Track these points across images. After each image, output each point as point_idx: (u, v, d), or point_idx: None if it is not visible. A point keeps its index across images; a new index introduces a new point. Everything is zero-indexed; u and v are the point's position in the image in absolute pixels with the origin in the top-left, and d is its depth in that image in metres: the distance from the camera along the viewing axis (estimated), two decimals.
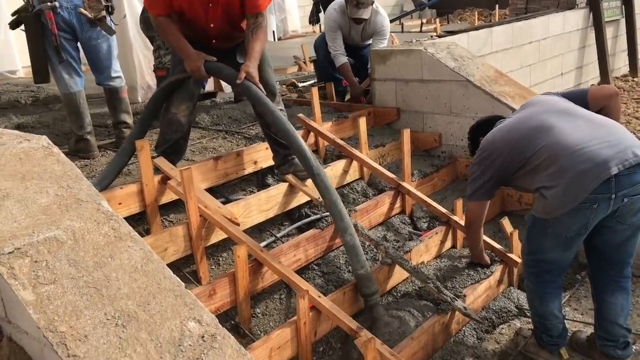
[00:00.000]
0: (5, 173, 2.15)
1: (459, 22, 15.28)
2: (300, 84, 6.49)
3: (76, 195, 2.17)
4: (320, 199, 3.49)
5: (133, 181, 3.25)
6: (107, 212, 2.15)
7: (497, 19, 12.66)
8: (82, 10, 3.84)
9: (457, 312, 3.07)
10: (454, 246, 3.81)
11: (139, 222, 3.29)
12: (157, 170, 3.35)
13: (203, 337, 1.86)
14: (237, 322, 2.92)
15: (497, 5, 13.34)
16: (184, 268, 3.17)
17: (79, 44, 3.99)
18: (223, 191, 3.70)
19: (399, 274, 3.33)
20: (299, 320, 2.68)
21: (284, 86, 6.46)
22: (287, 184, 3.59)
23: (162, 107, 3.48)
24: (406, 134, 3.87)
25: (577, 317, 3.39)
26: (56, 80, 3.87)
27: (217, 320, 1.94)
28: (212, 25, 3.27)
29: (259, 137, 4.22)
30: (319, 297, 2.81)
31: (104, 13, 3.92)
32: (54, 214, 2.05)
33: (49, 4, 3.74)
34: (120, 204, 3.11)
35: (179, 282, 2.03)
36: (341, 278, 3.30)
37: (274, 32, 12.72)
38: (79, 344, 1.70)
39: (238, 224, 3.14)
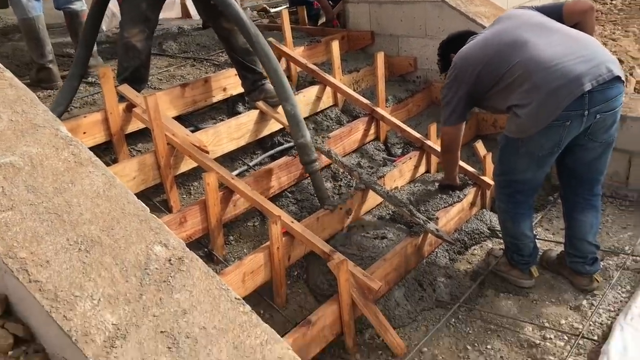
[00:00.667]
0: None
1: None
2: (272, 9, 6.28)
3: (32, 120, 2.07)
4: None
5: (97, 110, 3.14)
6: (66, 138, 2.06)
7: None
8: None
9: (429, 234, 3.08)
10: (427, 171, 3.80)
11: (106, 152, 3.21)
12: (122, 98, 3.24)
13: (170, 260, 1.83)
14: (210, 250, 2.91)
15: None
16: (154, 197, 3.12)
17: None
18: (192, 119, 3.61)
19: (372, 199, 3.32)
20: (271, 245, 2.66)
21: (254, 12, 6.25)
22: (258, 111, 3.50)
23: (99, 25, 3.40)
24: (380, 58, 3.78)
25: (548, 236, 3.44)
26: (13, 5, 3.66)
27: (186, 245, 1.91)
28: None
29: (228, 63, 4.08)
30: (292, 222, 2.79)
31: None
32: (8, 139, 1.96)
33: None
34: (84, 133, 3.02)
35: (143, 207, 1.98)
36: (315, 204, 3.28)
37: None
38: (40, 270, 1.65)
39: (207, 152, 3.08)
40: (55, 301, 1.56)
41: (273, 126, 3.58)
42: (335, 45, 3.94)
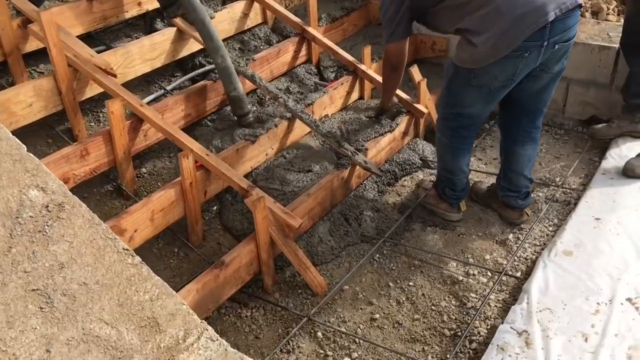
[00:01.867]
0: None
1: None
2: None
3: None
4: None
5: None
6: None
7: None
8: None
9: (357, 167, 2.94)
10: (361, 97, 3.61)
11: (1, 73, 2.87)
12: (19, 13, 2.86)
13: (47, 207, 1.61)
14: (119, 184, 2.68)
15: None
16: (58, 125, 2.83)
17: None
18: (104, 38, 3.26)
19: (300, 129, 3.13)
20: (183, 180, 2.46)
21: None
22: (176, 29, 3.18)
23: None
24: None
25: (481, 167, 3.36)
26: None
27: (91, 179, 1.68)
28: None
29: None
30: (207, 155, 2.58)
31: None
32: None
33: None
34: None
35: (19, 144, 1.73)
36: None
37: None
38: None
39: (115, 75, 2.78)
40: None
41: (193, 46, 3.27)
42: None
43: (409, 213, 2.96)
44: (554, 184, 3.15)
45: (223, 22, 3.45)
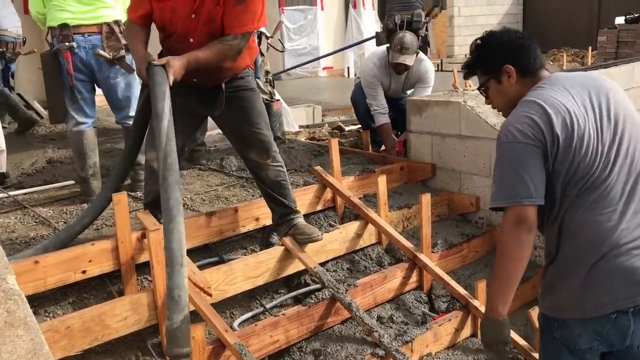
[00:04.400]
0: None
1: (551, 62, 14.30)
2: (347, 128, 6.15)
3: None
4: (316, 269, 3.12)
5: (107, 237, 3.01)
6: (9, 291, 1.87)
7: (589, 63, 11.71)
8: (100, 52, 3.73)
9: None
10: (473, 335, 3.26)
11: (114, 280, 3.04)
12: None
13: None
14: None
15: (590, 48, 12.34)
16: (151, 339, 2.87)
17: (95, 85, 3.90)
18: (220, 249, 3.40)
19: None
20: None
21: (324, 128, 6.14)
22: (283, 248, 3.22)
23: (140, 142, 3.13)
24: (425, 200, 3.40)
25: None
26: (66, 117, 3.78)
27: None
28: (191, 40, 2.84)
29: None
30: None
31: (122, 52, 3.80)
32: None
33: (67, 44, 3.68)
34: (90, 261, 2.86)
35: None
36: None
37: (348, 68, 12.53)
38: None
39: (210, 295, 2.81)
40: None
41: (299, 265, 3.27)
42: (382, 181, 3.63)
43: None
44: None
45: (334, 242, 3.45)
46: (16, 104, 5.71)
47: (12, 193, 3.84)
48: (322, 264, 3.30)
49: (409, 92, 5.08)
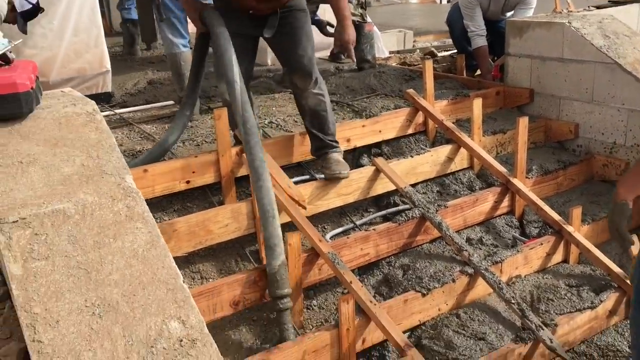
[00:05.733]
0: (40, 137, 2.15)
1: None
2: (440, 53, 5.98)
3: (102, 167, 2.10)
4: (406, 189, 3.15)
5: (209, 150, 3.16)
6: (128, 189, 2.04)
7: None
8: None
9: (540, 344, 2.57)
10: (565, 260, 3.22)
11: (215, 192, 3.21)
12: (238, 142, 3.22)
13: (182, 340, 1.70)
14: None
15: None
16: (249, 246, 3.05)
17: None
18: (311, 167, 3.49)
19: (482, 287, 2.88)
20: (341, 325, 2.41)
21: (416, 54, 5.99)
22: (374, 168, 3.27)
23: (204, 57, 3.24)
24: (522, 123, 3.30)
25: None
26: (162, 39, 3.89)
27: (204, 323, 1.76)
28: None
29: (367, 110, 3.89)
30: (371, 301, 2.50)
31: None
32: (72, 184, 1.99)
33: None
34: (194, 172, 3.04)
35: (176, 274, 1.87)
36: (417, 278, 2.93)
37: None
38: (47, 329, 1.62)
39: (304, 207, 2.92)
40: None
41: (389, 185, 3.31)
42: (477, 104, 3.56)
43: None
44: None
45: (424, 165, 3.46)
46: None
47: (118, 111, 4.08)
48: (412, 186, 3.32)
49: (508, 14, 4.83)
